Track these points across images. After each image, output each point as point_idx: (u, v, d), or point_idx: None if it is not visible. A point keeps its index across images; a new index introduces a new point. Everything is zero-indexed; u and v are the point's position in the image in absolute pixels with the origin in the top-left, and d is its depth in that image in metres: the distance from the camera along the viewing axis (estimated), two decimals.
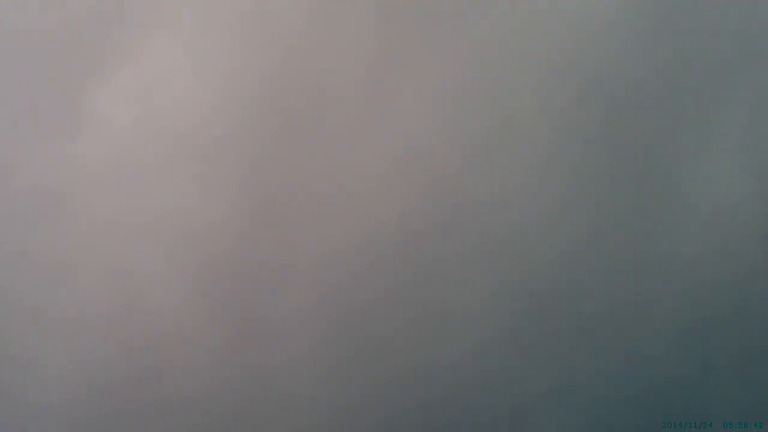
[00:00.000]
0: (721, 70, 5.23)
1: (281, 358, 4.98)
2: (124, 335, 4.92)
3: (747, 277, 5.12)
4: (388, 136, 5.11)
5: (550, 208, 5.12)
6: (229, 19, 5.11)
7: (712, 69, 5.23)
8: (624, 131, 5.19)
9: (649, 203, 5.18)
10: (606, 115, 5.18)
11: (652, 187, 5.19)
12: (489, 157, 5.13)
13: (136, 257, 4.98)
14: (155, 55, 5.05)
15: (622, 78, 5.19)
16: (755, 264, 5.14)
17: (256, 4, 5.11)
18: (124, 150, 5.01)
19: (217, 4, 5.11)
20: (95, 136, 5.00)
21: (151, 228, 4.99)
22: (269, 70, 5.09)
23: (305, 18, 5.12)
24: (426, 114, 5.14)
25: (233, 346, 4.97)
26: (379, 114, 5.11)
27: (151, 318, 4.94)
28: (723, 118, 5.23)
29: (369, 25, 5.14)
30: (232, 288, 5.00)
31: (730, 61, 5.23)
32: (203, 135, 5.05)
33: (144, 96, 5.05)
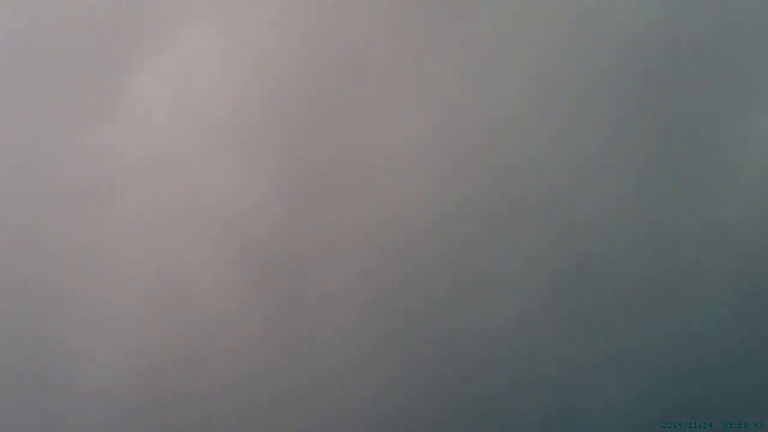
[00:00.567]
0: (761, 29, 5.16)
1: (324, 337, 4.99)
2: (168, 322, 4.96)
3: None
4: (422, 110, 5.09)
5: (590, 176, 5.08)
6: (264, 2, 5.12)
7: (752, 29, 5.16)
8: (663, 96, 5.13)
9: (692, 169, 5.11)
10: (644, 79, 5.12)
11: (694, 152, 5.12)
12: (523, 126, 5.09)
13: (179, 244, 5.01)
14: (192, 42, 5.08)
15: (660, 41, 5.13)
16: None
17: None
18: (162, 138, 5.04)
19: None
20: (134, 125, 5.04)
21: (192, 214, 5.01)
22: (305, 53, 5.09)
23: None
24: (458, 85, 5.11)
25: (276, 328, 4.98)
26: (413, 89, 5.10)
27: (195, 304, 4.97)
28: (765, 78, 5.15)
29: (398, 1, 5.13)
30: (272, 270, 5.00)
31: None
32: (241, 120, 5.07)
33: (182, 83, 5.08)
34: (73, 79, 5.03)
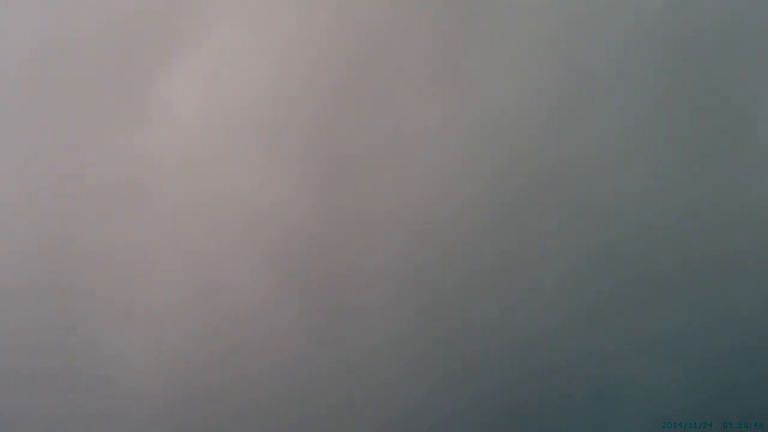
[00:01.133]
0: None
1: (353, 329, 5.00)
2: (201, 319, 4.99)
3: None
4: (443, 99, 5.10)
5: (617, 159, 5.05)
6: (289, 1, 5.17)
7: None
8: (691, 74, 5.09)
9: (722, 150, 5.06)
10: (671, 58, 5.08)
11: (724, 133, 5.07)
12: (547, 111, 5.08)
13: (210, 243, 5.04)
14: (219, 43, 5.13)
15: (687, 17, 5.09)
16: None
17: None
18: (192, 138, 5.09)
19: None
20: (164, 127, 5.09)
21: (222, 212, 5.05)
22: (329, 51, 5.13)
23: None
24: (478, 72, 5.11)
25: (306, 322, 5.00)
26: (433, 80, 5.11)
27: (226, 301, 5.00)
28: None
29: None
30: (302, 264, 5.03)
31: None
32: (268, 118, 5.11)
33: (210, 82, 5.13)
34: (103, 83, 5.08)
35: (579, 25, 5.11)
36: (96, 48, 5.10)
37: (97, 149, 5.05)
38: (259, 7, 5.16)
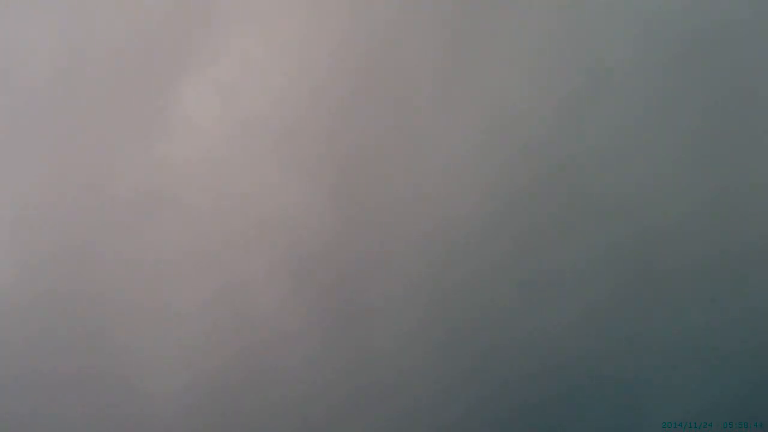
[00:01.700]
0: None
1: (384, 348, 5.01)
2: (222, 323, 5.03)
3: None
4: (473, 109, 5.08)
5: (654, 168, 5.01)
6: (307, 10, 5.19)
7: None
8: (712, 77, 5.04)
9: (743, 152, 5.00)
10: (694, 61, 5.05)
11: (745, 135, 5.01)
12: (579, 116, 5.05)
13: (230, 248, 5.07)
14: (236, 52, 5.16)
15: (711, 22, 5.05)
16: None
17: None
18: (210, 146, 5.13)
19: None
20: (183, 135, 5.14)
21: (242, 218, 5.08)
22: (346, 54, 5.13)
23: None
24: (514, 75, 5.10)
25: (336, 340, 5.01)
26: (461, 89, 5.09)
27: (247, 305, 5.03)
28: None
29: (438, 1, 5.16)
30: (331, 283, 5.04)
31: None
32: (286, 124, 5.13)
33: (227, 92, 5.16)
34: (123, 95, 5.14)
35: (590, 23, 5.08)
36: (115, 60, 5.16)
37: (117, 159, 5.11)
38: (273, 16, 5.18)
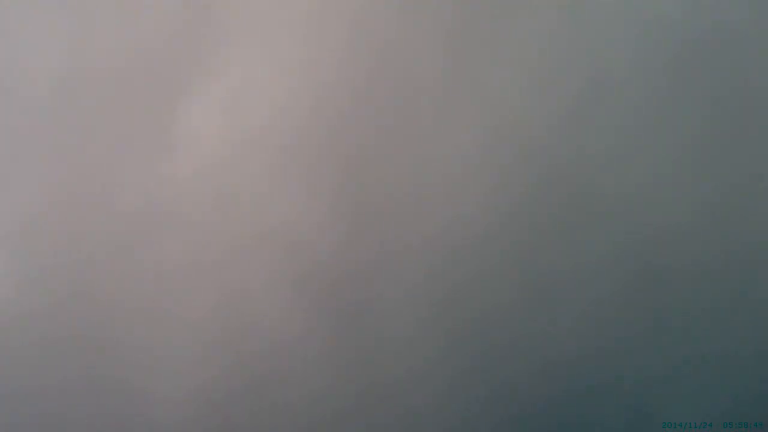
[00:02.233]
0: None
1: (386, 356, 4.99)
2: (231, 349, 5.02)
3: None
4: (476, 117, 5.06)
5: (658, 172, 4.96)
6: (310, 24, 5.17)
7: None
8: (714, 79, 5.01)
9: (746, 153, 4.97)
10: (696, 64, 5.01)
11: (747, 136, 4.97)
12: (581, 125, 5.02)
13: (238, 271, 5.06)
14: (240, 69, 5.13)
15: (713, 23, 5.02)
16: None
17: (338, 11, 5.16)
18: (216, 164, 5.11)
19: (301, 12, 5.17)
20: (188, 153, 5.12)
21: (248, 237, 5.06)
22: (353, 72, 5.12)
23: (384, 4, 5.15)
24: (516, 79, 5.07)
25: (337, 350, 5.01)
26: (465, 98, 5.07)
27: (256, 329, 5.03)
28: None
29: (444, 11, 5.14)
30: (333, 293, 5.03)
31: None
32: (295, 144, 5.11)
33: (232, 109, 5.14)
34: (127, 112, 5.12)
35: (592, 26, 5.06)
36: (120, 77, 5.13)
37: (121, 173, 5.10)
38: (275, 32, 5.15)
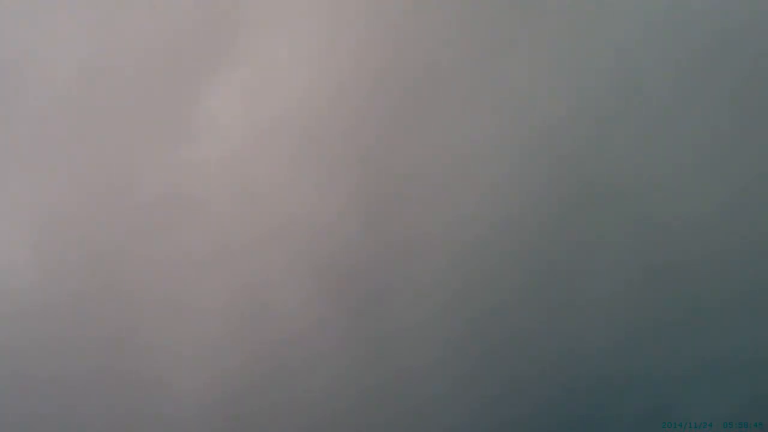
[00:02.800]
0: None
1: (403, 345, 4.98)
2: (249, 338, 5.02)
3: None
4: (496, 110, 5.05)
5: (677, 168, 4.94)
6: (333, 13, 5.17)
7: None
8: (754, 87, 4.94)
9: None
10: (724, 58, 4.96)
11: None
12: (600, 113, 4.99)
13: (258, 258, 5.06)
14: (265, 55, 5.13)
15: (745, 20, 4.97)
16: None
17: (358, 0, 5.16)
18: (237, 150, 5.11)
19: (321, 1, 5.17)
20: (210, 139, 5.12)
21: (267, 222, 5.07)
22: (375, 62, 5.10)
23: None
24: (532, 74, 5.04)
25: (355, 340, 4.99)
26: (485, 90, 5.06)
27: (274, 317, 5.03)
28: None
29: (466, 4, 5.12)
30: (350, 282, 5.02)
31: None
32: (316, 132, 5.10)
33: (254, 95, 5.14)
34: (150, 98, 5.14)
35: (611, 18, 5.04)
36: (142, 64, 5.15)
37: (144, 163, 5.11)
38: (296, 19, 5.16)
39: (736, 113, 4.96)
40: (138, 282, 5.05)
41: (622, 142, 4.99)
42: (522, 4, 5.09)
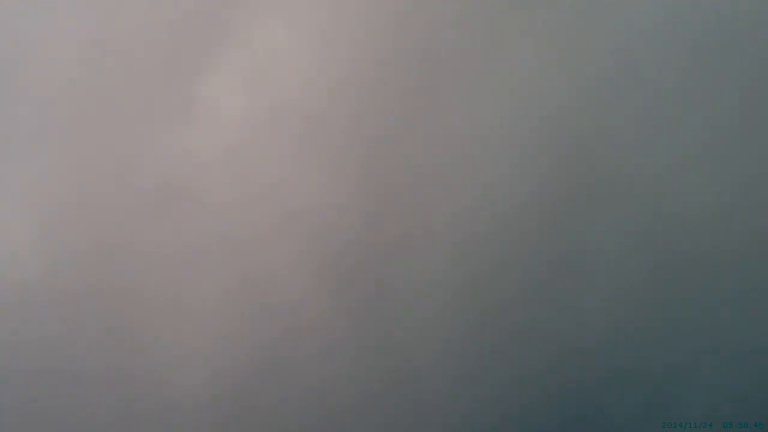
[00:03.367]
0: None
1: (408, 336, 4.95)
2: (253, 325, 4.98)
3: None
4: (499, 97, 5.00)
5: (680, 157, 4.90)
6: None
7: None
8: (750, 55, 4.90)
9: None
10: (736, 45, 4.93)
11: None
12: (607, 101, 4.95)
13: (257, 242, 5.01)
14: (263, 39, 5.07)
15: (751, 7, 4.93)
16: None
17: None
18: (238, 136, 5.05)
19: None
20: (210, 125, 5.05)
21: (269, 212, 5.02)
22: (378, 48, 5.05)
23: None
24: (539, 62, 4.99)
25: (360, 329, 4.95)
26: (489, 77, 5.01)
27: (278, 306, 4.98)
28: None
29: None
30: (356, 271, 4.97)
31: None
32: (316, 119, 5.05)
33: (255, 80, 5.07)
34: (149, 84, 5.07)
35: (619, 4, 4.99)
36: (141, 49, 5.08)
37: (143, 150, 5.05)
38: (299, 4, 5.09)
39: (747, 97, 4.92)
40: (138, 274, 4.99)
41: (627, 133, 4.96)
42: None
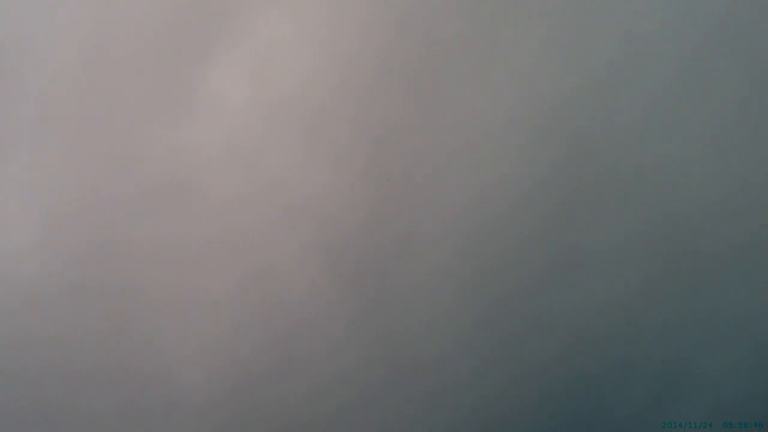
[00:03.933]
0: None
1: (413, 331, 4.95)
2: (254, 312, 4.97)
3: None
4: (503, 87, 4.98)
5: (687, 138, 4.89)
6: None
7: None
8: (760, 44, 4.90)
9: None
10: (745, 33, 4.91)
11: None
12: (614, 90, 4.92)
13: (261, 237, 5.00)
14: (265, 33, 5.03)
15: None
16: None
17: None
18: (240, 130, 5.01)
19: None
20: (212, 120, 5.02)
21: (273, 206, 5.00)
22: (380, 40, 5.02)
23: None
24: (544, 51, 4.97)
25: (365, 325, 4.95)
26: (492, 67, 4.99)
27: (282, 302, 4.97)
28: None
29: None
30: (361, 266, 4.96)
31: None
32: (318, 112, 5.02)
33: (257, 75, 5.03)
34: (150, 78, 5.02)
35: (638, 12, 4.98)
36: (143, 44, 5.02)
37: (146, 145, 5.01)
38: None
39: (757, 86, 4.92)
40: (141, 271, 4.97)
41: (630, 129, 4.94)
42: None
